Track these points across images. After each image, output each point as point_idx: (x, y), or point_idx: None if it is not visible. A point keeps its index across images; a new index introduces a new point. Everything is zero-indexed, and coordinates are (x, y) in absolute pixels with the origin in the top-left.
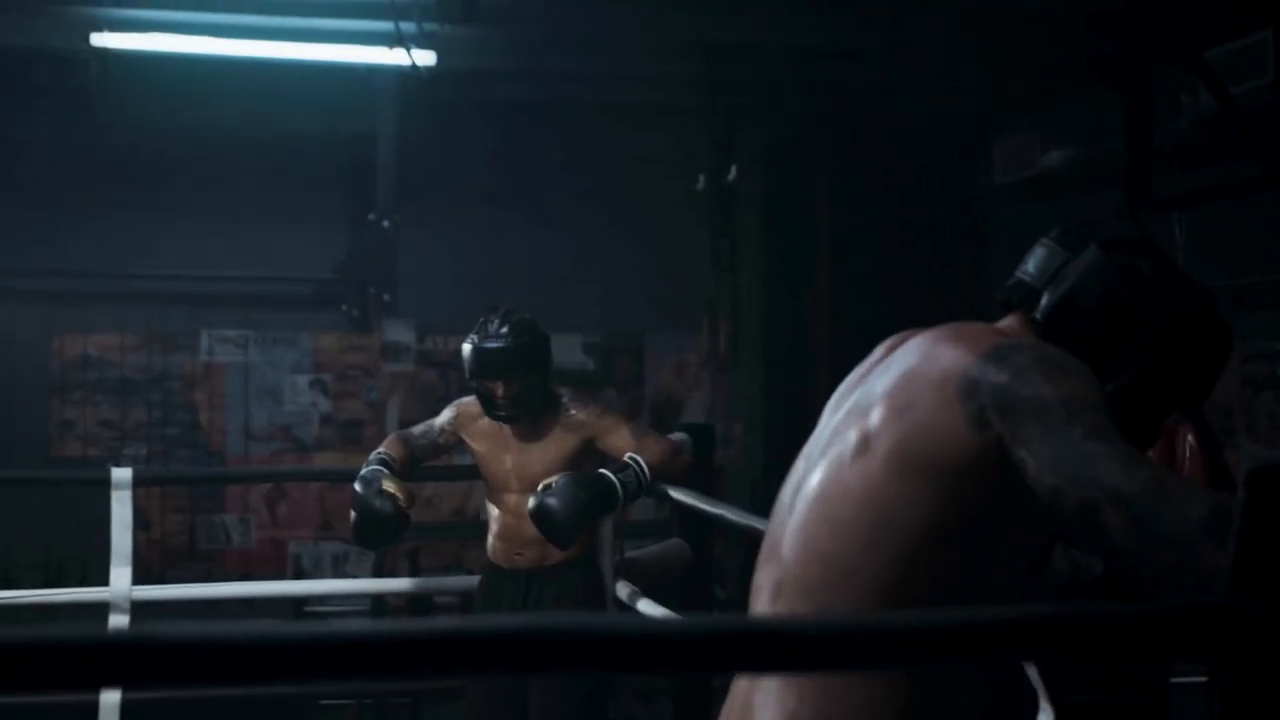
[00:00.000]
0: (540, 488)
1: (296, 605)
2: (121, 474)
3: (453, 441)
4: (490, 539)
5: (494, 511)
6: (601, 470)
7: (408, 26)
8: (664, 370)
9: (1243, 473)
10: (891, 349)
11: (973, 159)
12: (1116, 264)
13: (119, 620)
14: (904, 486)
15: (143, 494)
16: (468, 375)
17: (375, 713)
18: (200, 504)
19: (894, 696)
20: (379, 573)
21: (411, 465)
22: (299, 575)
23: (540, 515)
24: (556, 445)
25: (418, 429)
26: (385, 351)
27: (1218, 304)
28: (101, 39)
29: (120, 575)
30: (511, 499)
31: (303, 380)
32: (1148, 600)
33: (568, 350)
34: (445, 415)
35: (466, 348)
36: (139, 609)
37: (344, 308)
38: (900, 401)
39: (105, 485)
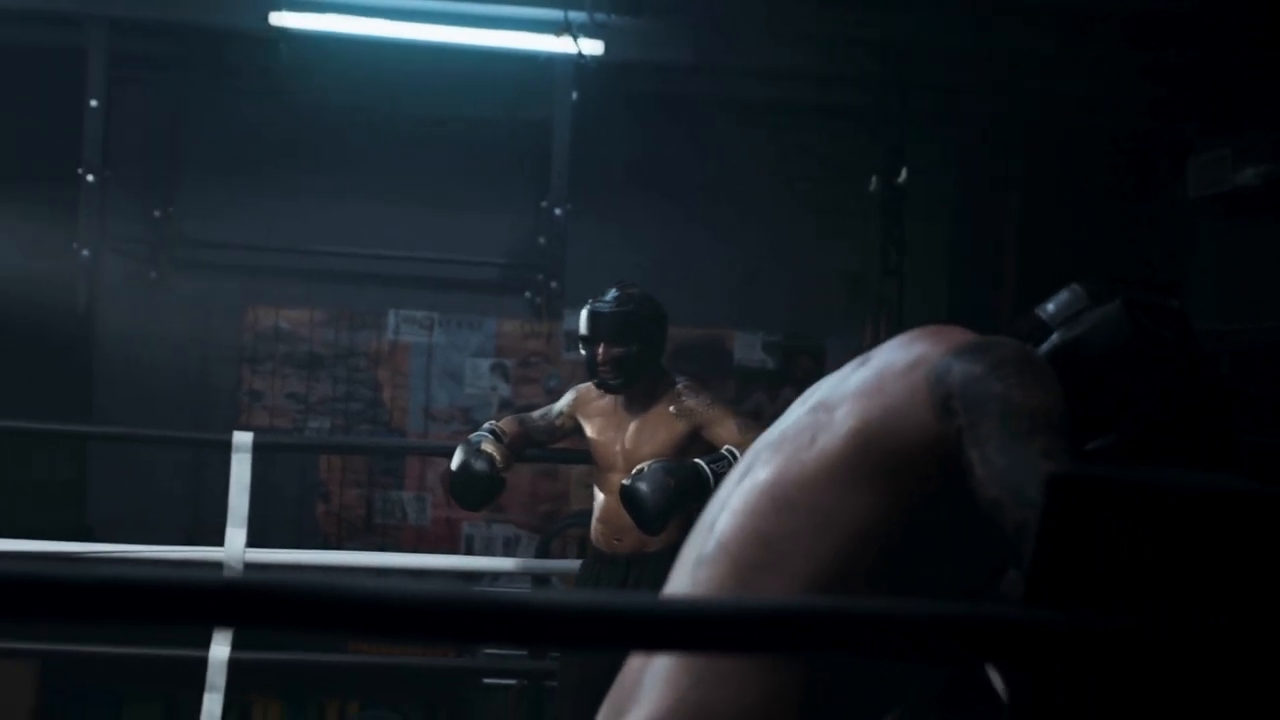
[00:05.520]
0: (633, 472)
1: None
2: (242, 437)
3: (570, 425)
4: (593, 521)
5: (599, 495)
6: (695, 459)
7: (577, 15)
8: None
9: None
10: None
11: (1166, 171)
12: (1137, 324)
13: None
14: (856, 471)
15: (324, 466)
16: (579, 340)
17: (534, 693)
18: (378, 479)
19: (786, 694)
20: (543, 556)
21: (525, 444)
22: (470, 554)
23: (628, 498)
24: (666, 430)
25: (537, 412)
26: (565, 340)
27: (1230, 396)
28: (280, 18)
29: (235, 536)
30: (616, 479)
31: (484, 364)
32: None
33: (748, 348)
34: (565, 399)
35: (582, 313)
36: (251, 571)
37: (527, 294)
38: (870, 388)
39: (231, 448)
